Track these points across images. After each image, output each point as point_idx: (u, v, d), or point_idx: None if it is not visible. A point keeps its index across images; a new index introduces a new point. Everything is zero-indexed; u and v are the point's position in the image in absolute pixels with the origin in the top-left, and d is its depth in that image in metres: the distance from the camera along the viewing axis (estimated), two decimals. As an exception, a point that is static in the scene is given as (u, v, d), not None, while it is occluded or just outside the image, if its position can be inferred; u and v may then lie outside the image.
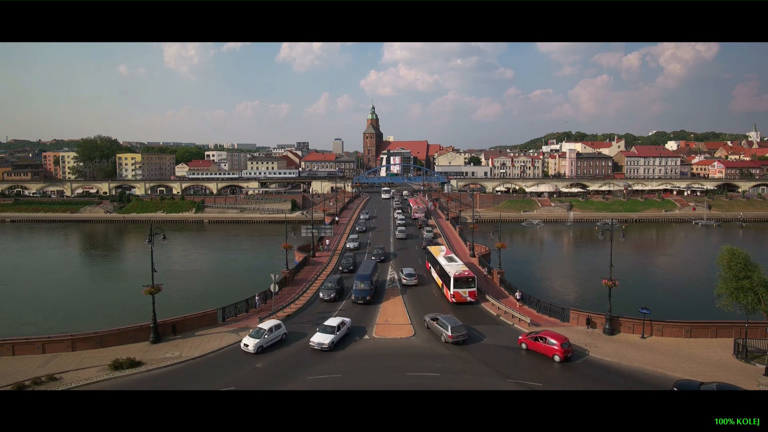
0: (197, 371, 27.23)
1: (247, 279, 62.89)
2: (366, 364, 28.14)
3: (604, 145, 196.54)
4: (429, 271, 51.09)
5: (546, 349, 28.60)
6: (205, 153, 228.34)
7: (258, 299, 39.53)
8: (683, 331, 32.20)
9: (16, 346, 29.51)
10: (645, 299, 40.07)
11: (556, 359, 28.00)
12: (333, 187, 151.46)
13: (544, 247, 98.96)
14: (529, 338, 29.92)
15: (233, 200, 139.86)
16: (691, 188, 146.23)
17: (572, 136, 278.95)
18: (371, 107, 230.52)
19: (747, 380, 25.33)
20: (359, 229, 76.00)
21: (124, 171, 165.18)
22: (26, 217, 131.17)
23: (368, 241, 69.07)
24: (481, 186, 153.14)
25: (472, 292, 40.15)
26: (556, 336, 28.92)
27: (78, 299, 57.91)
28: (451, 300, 40.18)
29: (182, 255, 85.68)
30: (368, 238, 72.18)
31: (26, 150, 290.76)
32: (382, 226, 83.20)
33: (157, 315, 31.68)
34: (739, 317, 29.48)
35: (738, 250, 28.53)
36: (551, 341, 28.48)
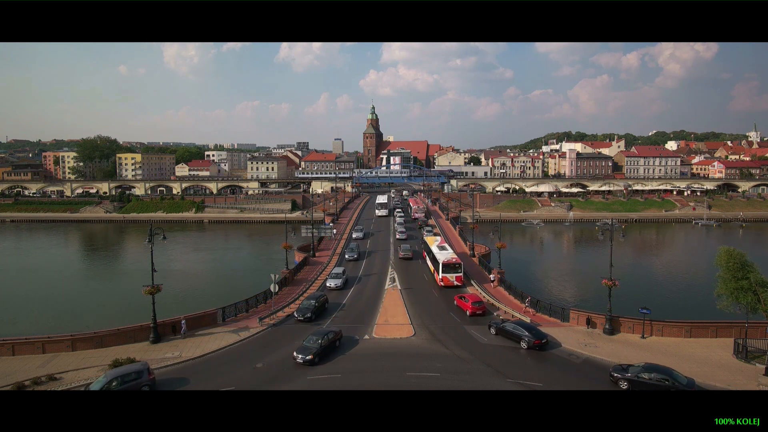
0: (197, 371, 27.22)
1: (247, 279, 62.91)
2: (366, 364, 28.12)
3: (604, 145, 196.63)
4: (425, 260, 54.18)
5: (462, 305, 37.96)
6: (205, 153, 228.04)
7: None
8: (683, 331, 32.18)
9: (16, 346, 29.49)
10: (645, 299, 40.09)
11: (467, 313, 36.49)
12: (333, 187, 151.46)
13: (544, 247, 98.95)
14: (457, 297, 39.76)
15: (233, 200, 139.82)
16: (691, 188, 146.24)
17: (572, 136, 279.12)
18: (371, 107, 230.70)
19: (747, 380, 25.33)
20: (350, 258, 56.89)
21: (124, 171, 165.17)
22: (26, 217, 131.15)
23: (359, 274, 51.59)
24: (481, 186, 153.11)
25: (458, 277, 44.68)
26: (472, 296, 38.59)
27: (78, 299, 57.90)
28: (440, 284, 44.75)
29: (182, 255, 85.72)
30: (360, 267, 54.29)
31: (26, 150, 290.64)
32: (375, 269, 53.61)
33: (157, 315, 31.68)
34: (739, 317, 29.46)
35: (734, 250, 28.55)
36: (466, 299, 37.78)
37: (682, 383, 23.54)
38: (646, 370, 24.46)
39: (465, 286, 45.06)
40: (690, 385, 23.63)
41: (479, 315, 36.45)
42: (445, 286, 44.27)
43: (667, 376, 23.82)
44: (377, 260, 57.06)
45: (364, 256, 59.04)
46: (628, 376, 24.67)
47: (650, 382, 23.87)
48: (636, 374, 24.52)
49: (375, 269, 52.59)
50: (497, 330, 32.39)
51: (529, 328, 31.33)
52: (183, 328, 32.54)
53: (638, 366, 25.18)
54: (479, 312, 36.64)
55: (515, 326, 31.49)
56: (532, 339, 29.98)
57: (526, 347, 29.99)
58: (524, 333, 30.51)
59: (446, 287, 44.18)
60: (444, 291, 43.67)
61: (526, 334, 30.37)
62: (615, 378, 25.08)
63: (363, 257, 58.64)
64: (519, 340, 30.51)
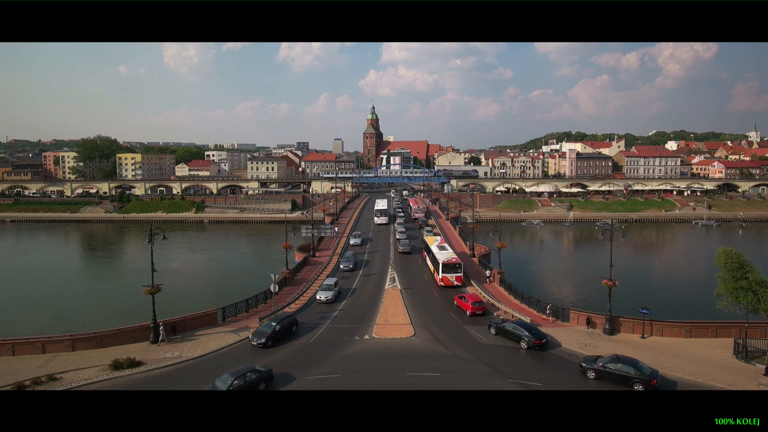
0: (197, 371, 27.22)
1: (247, 279, 62.89)
2: (366, 364, 28.13)
3: (604, 145, 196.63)
4: (425, 259, 53.89)
5: (462, 304, 38.01)
6: (205, 153, 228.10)
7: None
8: (683, 331, 32.19)
9: (16, 346, 29.49)
10: (645, 299, 40.10)
11: (467, 313, 36.59)
12: (333, 187, 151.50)
13: (544, 247, 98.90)
14: (457, 297, 39.76)
15: (233, 200, 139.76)
16: (691, 188, 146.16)
17: (572, 136, 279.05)
18: (371, 107, 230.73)
19: (747, 380, 25.33)
20: (345, 267, 51.78)
21: (124, 171, 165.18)
22: (26, 217, 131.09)
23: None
24: (481, 186, 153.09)
25: (458, 277, 44.58)
26: (472, 296, 38.68)
27: (78, 299, 57.89)
28: (440, 283, 44.66)
29: (182, 255, 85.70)
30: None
31: (26, 150, 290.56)
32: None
33: (157, 315, 31.67)
34: (739, 317, 29.46)
35: (732, 250, 28.59)
36: (466, 299, 37.85)
37: (645, 373, 24.60)
38: (612, 361, 25.57)
39: (465, 286, 45.10)
40: (653, 375, 24.56)
41: (479, 315, 36.47)
42: (445, 286, 44.29)
43: (632, 367, 24.93)
44: (375, 270, 52.12)
45: (361, 266, 53.41)
46: (595, 367, 25.84)
47: (615, 372, 25.09)
48: (603, 365, 25.65)
49: (371, 282, 47.19)
50: (497, 330, 32.41)
51: (529, 328, 31.35)
52: (161, 335, 31.07)
53: (606, 357, 26.29)
54: (479, 312, 36.70)
55: (515, 326, 31.51)
56: (532, 339, 30.01)
57: (526, 347, 30.01)
58: (524, 333, 30.54)
59: (446, 287, 44.19)
60: (444, 291, 43.67)
61: (526, 334, 30.40)
62: (584, 368, 26.29)
63: (360, 266, 52.88)
64: (519, 340, 30.54)
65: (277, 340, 31.25)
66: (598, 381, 25.42)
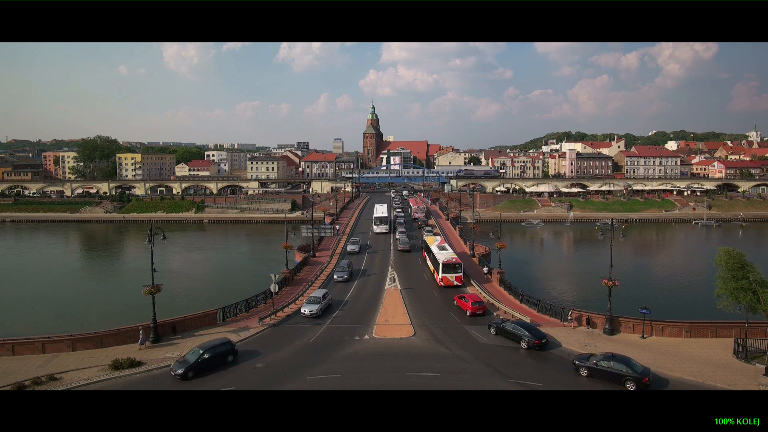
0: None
1: (247, 279, 62.90)
2: (366, 364, 28.12)
3: (604, 145, 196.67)
4: (425, 259, 53.78)
5: (462, 304, 37.96)
6: (205, 153, 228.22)
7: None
8: (683, 331, 32.19)
9: (16, 346, 29.49)
10: (645, 299, 40.10)
11: (467, 313, 36.54)
12: (333, 187, 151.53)
13: (544, 247, 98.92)
14: (457, 297, 39.68)
15: (233, 200, 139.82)
16: (691, 188, 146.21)
17: (572, 136, 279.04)
18: (371, 107, 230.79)
19: (747, 380, 25.32)
20: (339, 278, 48.07)
21: (124, 171, 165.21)
22: (26, 217, 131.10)
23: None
24: (481, 186, 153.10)
25: (458, 277, 44.53)
26: (472, 296, 38.57)
27: (78, 299, 57.88)
28: (440, 283, 44.63)
29: (182, 255, 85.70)
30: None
31: (26, 150, 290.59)
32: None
33: (157, 315, 31.66)
34: (739, 317, 29.45)
35: (733, 250, 28.59)
36: (466, 299, 37.80)
37: (637, 371, 24.71)
38: (605, 359, 25.74)
39: (465, 286, 45.08)
40: (644, 373, 24.63)
41: (479, 315, 36.47)
42: (445, 286, 44.28)
43: (624, 365, 25.05)
44: (374, 271, 51.29)
45: (357, 276, 49.08)
46: (588, 364, 25.98)
47: (607, 369, 25.25)
48: (596, 362, 25.81)
49: (371, 282, 46.63)
50: (497, 330, 32.41)
51: (529, 328, 31.36)
52: (140, 338, 30.11)
53: (599, 355, 26.53)
54: (479, 312, 36.71)
55: (515, 326, 31.51)
56: (532, 339, 30.01)
57: (526, 347, 30.00)
58: (524, 333, 30.54)
59: (446, 287, 44.17)
60: (444, 291, 43.67)
61: (526, 334, 30.40)
62: (577, 366, 26.48)
63: (355, 277, 48.67)
64: (519, 340, 30.54)
65: (202, 371, 26.17)
66: (591, 379, 25.53)
